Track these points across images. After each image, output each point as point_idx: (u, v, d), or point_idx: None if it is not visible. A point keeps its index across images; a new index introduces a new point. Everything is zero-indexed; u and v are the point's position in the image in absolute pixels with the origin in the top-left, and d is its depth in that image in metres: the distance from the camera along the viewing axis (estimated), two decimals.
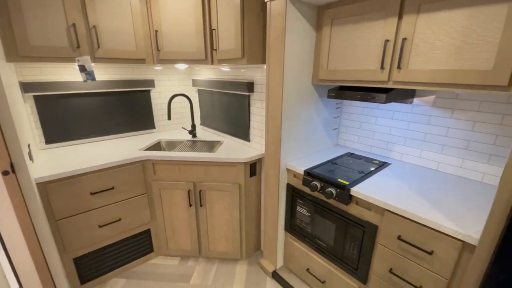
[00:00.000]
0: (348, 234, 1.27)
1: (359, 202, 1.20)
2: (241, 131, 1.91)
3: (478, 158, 1.26)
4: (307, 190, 1.44)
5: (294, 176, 1.52)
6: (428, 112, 1.39)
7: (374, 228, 1.15)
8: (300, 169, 1.43)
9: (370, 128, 1.67)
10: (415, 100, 1.43)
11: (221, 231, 1.82)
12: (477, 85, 0.91)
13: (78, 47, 1.47)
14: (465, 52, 0.91)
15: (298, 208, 1.53)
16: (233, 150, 1.77)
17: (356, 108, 1.72)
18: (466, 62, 0.92)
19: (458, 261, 0.92)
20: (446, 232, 0.92)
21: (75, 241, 1.50)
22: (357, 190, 1.17)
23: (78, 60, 1.48)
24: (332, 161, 1.54)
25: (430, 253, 0.96)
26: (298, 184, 1.50)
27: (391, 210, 1.06)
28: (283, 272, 1.73)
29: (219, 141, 2.01)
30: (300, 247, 1.59)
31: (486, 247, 0.80)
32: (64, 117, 1.79)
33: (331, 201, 1.32)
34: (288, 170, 1.55)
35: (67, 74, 1.75)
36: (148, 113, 2.16)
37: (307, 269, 1.56)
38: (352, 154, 1.68)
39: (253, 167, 1.72)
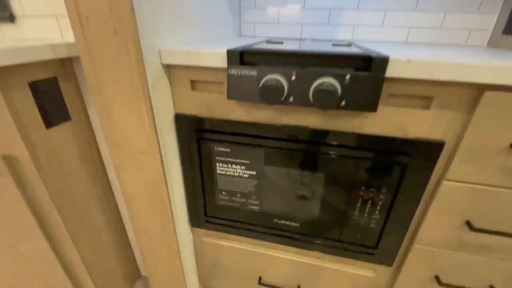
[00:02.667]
0: (359, 184, 0.54)
1: (400, 90, 0.45)
2: None
3: (466, 6, 0.82)
4: (244, 111, 0.53)
5: (193, 85, 0.54)
6: None
7: (435, 151, 0.47)
8: (217, 50, 0.47)
9: None
10: None
11: None
12: None
13: None
14: None
15: (220, 169, 0.61)
16: None
17: None
18: None
19: None
20: None
21: None
22: (410, 57, 0.40)
23: None
24: (267, 41, 0.67)
25: None
26: (211, 106, 0.54)
27: None
28: None
29: None
30: (237, 246, 0.73)
31: None
32: None
33: (328, 116, 0.50)
34: (171, 69, 0.53)
35: None
36: None
37: (259, 280, 0.76)
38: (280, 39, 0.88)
39: (48, 98, 0.55)
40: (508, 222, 0.49)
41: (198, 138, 0.58)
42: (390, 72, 0.42)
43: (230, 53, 0.46)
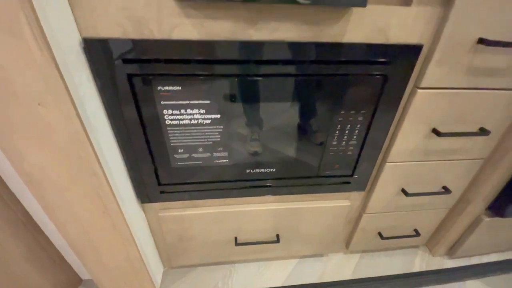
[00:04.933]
0: (339, 108, 0.48)
1: None
2: None
3: None
4: (194, 24, 0.37)
5: None
6: None
7: (414, 54, 0.44)
8: None
9: None
10: None
11: None
12: None
13: None
14: None
15: (170, 117, 0.45)
16: None
17: None
18: None
19: None
20: None
21: None
22: None
23: None
24: None
25: None
26: (141, 18, 0.36)
27: None
28: (174, 283, 0.74)
29: None
30: (204, 212, 0.62)
31: None
32: None
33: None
34: None
35: None
36: None
37: (235, 239, 0.69)
38: None
39: None
40: (468, 123, 0.53)
41: (130, 74, 0.40)
42: None
43: None
